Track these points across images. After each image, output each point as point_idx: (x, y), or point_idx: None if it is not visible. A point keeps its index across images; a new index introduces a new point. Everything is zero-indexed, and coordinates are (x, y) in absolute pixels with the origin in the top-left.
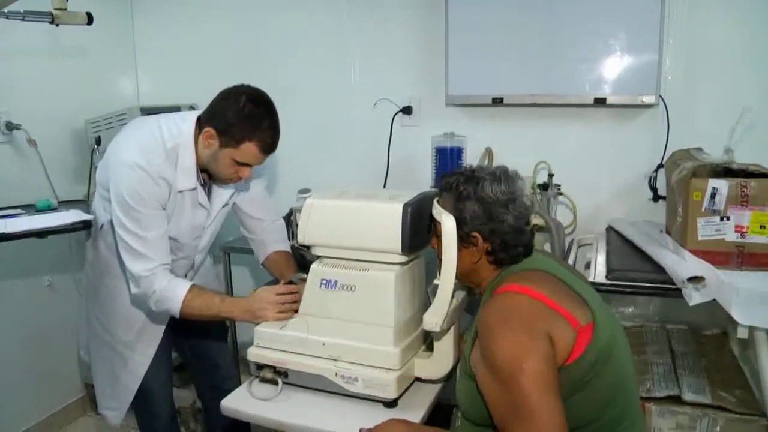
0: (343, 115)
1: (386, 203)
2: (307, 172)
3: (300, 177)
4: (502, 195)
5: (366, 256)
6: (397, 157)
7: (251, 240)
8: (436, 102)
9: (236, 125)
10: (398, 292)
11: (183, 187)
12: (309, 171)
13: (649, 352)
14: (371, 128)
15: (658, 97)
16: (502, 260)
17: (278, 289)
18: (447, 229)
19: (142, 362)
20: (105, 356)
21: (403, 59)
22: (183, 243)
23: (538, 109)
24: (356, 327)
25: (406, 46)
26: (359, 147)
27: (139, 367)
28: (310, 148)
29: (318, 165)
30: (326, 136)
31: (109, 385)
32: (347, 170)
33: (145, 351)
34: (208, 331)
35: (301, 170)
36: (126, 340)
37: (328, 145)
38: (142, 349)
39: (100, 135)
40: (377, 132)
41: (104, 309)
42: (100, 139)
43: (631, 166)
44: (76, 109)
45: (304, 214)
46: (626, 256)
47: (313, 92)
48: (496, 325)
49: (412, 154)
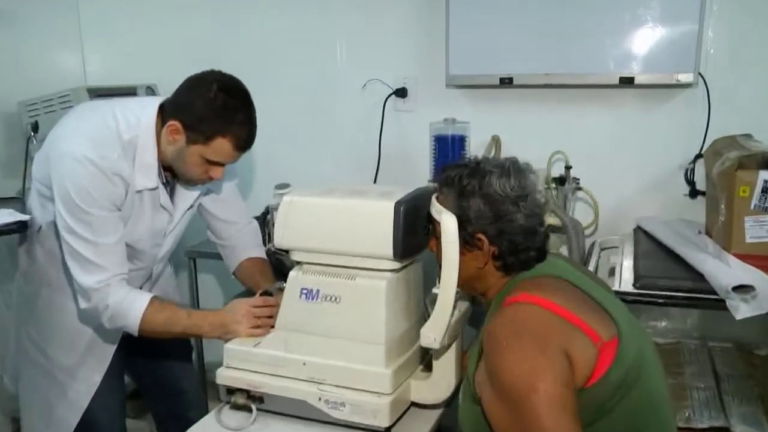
0: (327, 100)
1: (376, 201)
2: (286, 165)
3: (277, 171)
4: (511, 191)
5: (353, 261)
6: (389, 147)
7: (220, 246)
8: (435, 83)
9: (206, 119)
10: (391, 303)
11: (142, 186)
12: (288, 164)
13: (688, 375)
14: (360, 114)
15: (696, 75)
16: (512, 266)
17: (252, 301)
18: (448, 230)
19: (86, 391)
20: (38, 385)
21: (397, 33)
22: (140, 250)
23: (554, 90)
24: (342, 344)
25: (400, 18)
26: (346, 136)
27: (81, 397)
28: (289, 138)
29: (298, 157)
30: (308, 124)
31: (42, 421)
32: (332, 163)
33: (90, 377)
34: (169, 351)
35: (279, 163)
36: (67, 364)
37: (309, 135)
38: (87, 375)
39: (37, 120)
40: (367, 118)
41: (40, 327)
42: (38, 125)
43: (663, 156)
44: (8, 88)
45: (281, 213)
46: (658, 260)
47: (293, 73)
48: (504, 340)
49: (407, 144)
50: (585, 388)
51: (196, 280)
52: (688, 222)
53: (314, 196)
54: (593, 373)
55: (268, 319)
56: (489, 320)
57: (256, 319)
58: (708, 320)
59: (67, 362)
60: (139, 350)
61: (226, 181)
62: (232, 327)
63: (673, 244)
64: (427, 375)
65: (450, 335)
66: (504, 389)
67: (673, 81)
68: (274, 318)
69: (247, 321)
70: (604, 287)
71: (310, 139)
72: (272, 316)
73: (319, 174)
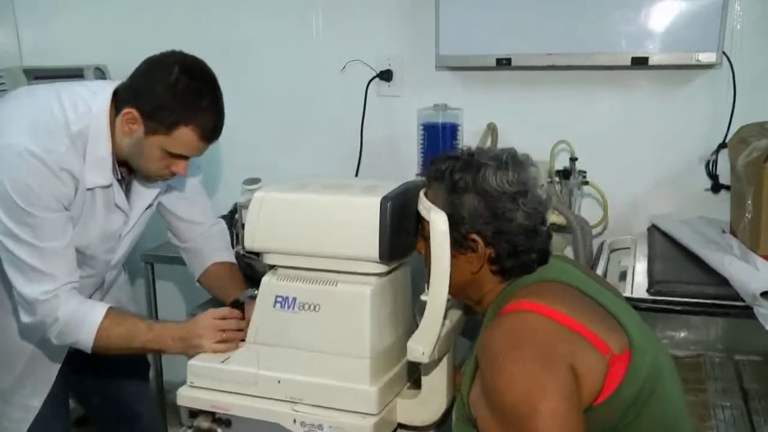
0: (302, 84)
1: (360, 196)
2: (256, 158)
3: (246, 165)
4: (509, 185)
5: (334, 265)
6: (372, 137)
7: (183, 249)
8: (424, 64)
9: (167, 106)
10: (376, 312)
11: (94, 183)
12: (258, 157)
13: (712, 391)
14: (339, 100)
15: (720, 55)
16: (510, 270)
17: (219, 311)
18: (437, 229)
19: (22, 419)
20: None
21: (380, 8)
22: (91, 256)
23: (558, 72)
24: (322, 358)
25: None
26: (323, 125)
27: (16, 425)
28: (259, 128)
29: (269, 149)
30: (280, 112)
31: None
32: (307, 155)
33: (28, 403)
34: (123, 369)
35: (248, 156)
36: (1, 387)
37: (282, 124)
38: (24, 399)
39: None
40: (347, 104)
41: None
42: None
43: (682, 146)
44: None
45: (252, 211)
46: (675, 263)
47: (263, 54)
48: (502, 353)
49: (393, 133)
50: (593, 407)
51: (154, 289)
52: (710, 220)
53: (289, 191)
54: (602, 390)
55: (237, 331)
56: (485, 331)
57: (222, 332)
58: (733, 330)
59: (1, 385)
60: (87, 368)
61: (189, 177)
62: (197, 341)
63: (693, 245)
64: (416, 393)
65: (441, 348)
66: (502, 409)
67: (693, 61)
68: (245, 330)
69: (214, 333)
70: (615, 293)
71: (283, 128)
72: (242, 329)
73: (293, 168)
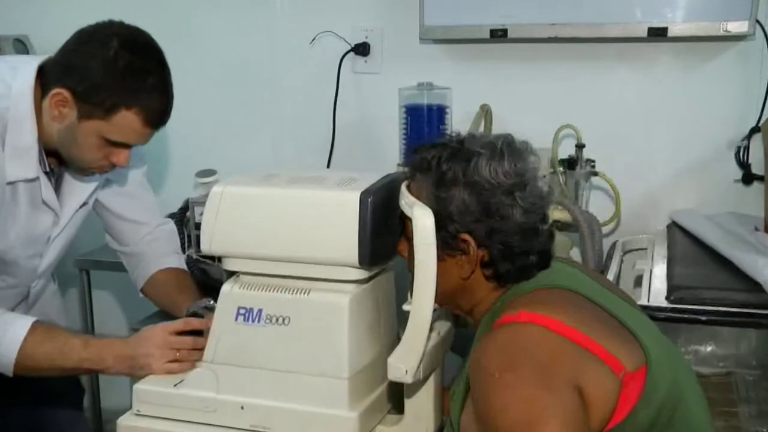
0: (264, 60)
1: (336, 191)
2: (211, 145)
3: (199, 155)
4: (505, 177)
5: (306, 271)
6: (346, 121)
7: (124, 254)
8: (407, 37)
9: (105, 85)
10: (355, 325)
11: (15, 176)
12: (212, 145)
13: (744, 415)
14: (307, 79)
15: (753, 24)
16: (506, 275)
17: (172, 325)
18: (422, 229)
19: None
20: None
21: None
22: (12, 262)
23: (562, 46)
24: (292, 380)
25: None
26: (288, 107)
27: None
28: (215, 111)
29: (226, 136)
30: (238, 93)
31: None
32: (271, 143)
33: None
34: (53, 394)
35: (201, 144)
36: None
37: (241, 107)
38: None
39: None
40: (316, 84)
41: None
42: None
43: (707, 130)
44: None
45: (210, 209)
46: (699, 266)
47: (216, 24)
48: (497, 372)
49: (370, 117)
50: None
51: (90, 301)
52: (741, 216)
53: (253, 185)
54: (614, 413)
55: (193, 350)
56: (477, 346)
57: (175, 351)
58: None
59: None
60: (8, 393)
61: (131, 169)
62: (145, 360)
63: (721, 245)
64: (398, 419)
65: (426, 366)
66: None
67: (721, 32)
68: (202, 349)
69: (165, 352)
70: (629, 301)
71: (242, 112)
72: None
73: (253, 158)
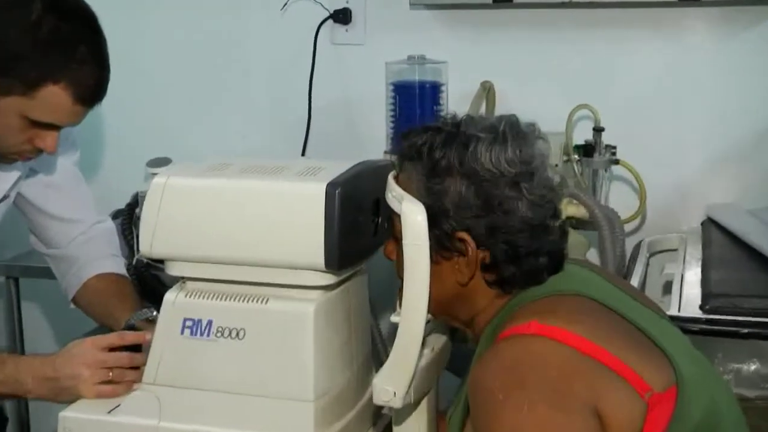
0: (227, 28)
1: (298, 182)
2: (165, 130)
3: (151, 140)
4: (508, 166)
5: (264, 275)
6: (325, 100)
7: (52, 258)
8: (395, 1)
9: (27, 56)
10: (322, 338)
11: None
12: (167, 129)
13: None
14: (278, 50)
15: None
16: (512, 279)
17: (103, 340)
18: (413, 226)
19: None
20: None
21: None
22: None
23: (577, 12)
24: (248, 404)
25: None
26: (257, 85)
27: None
28: (169, 89)
29: (184, 119)
30: (197, 67)
31: None
32: (238, 128)
33: None
34: None
35: (154, 128)
36: None
37: (200, 83)
38: None
39: None
40: (289, 57)
41: None
42: None
43: (747, 111)
44: None
45: (150, 203)
46: (739, 270)
47: None
48: (502, 393)
49: (353, 96)
50: None
51: (19, 312)
52: None
53: (201, 175)
54: None
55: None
56: (478, 363)
57: (108, 370)
58: None
59: None
60: None
61: (60, 156)
62: (70, 382)
63: (765, 245)
64: None
65: (418, 388)
66: None
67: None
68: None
69: (96, 372)
70: (656, 311)
71: (201, 90)
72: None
73: (215, 144)
